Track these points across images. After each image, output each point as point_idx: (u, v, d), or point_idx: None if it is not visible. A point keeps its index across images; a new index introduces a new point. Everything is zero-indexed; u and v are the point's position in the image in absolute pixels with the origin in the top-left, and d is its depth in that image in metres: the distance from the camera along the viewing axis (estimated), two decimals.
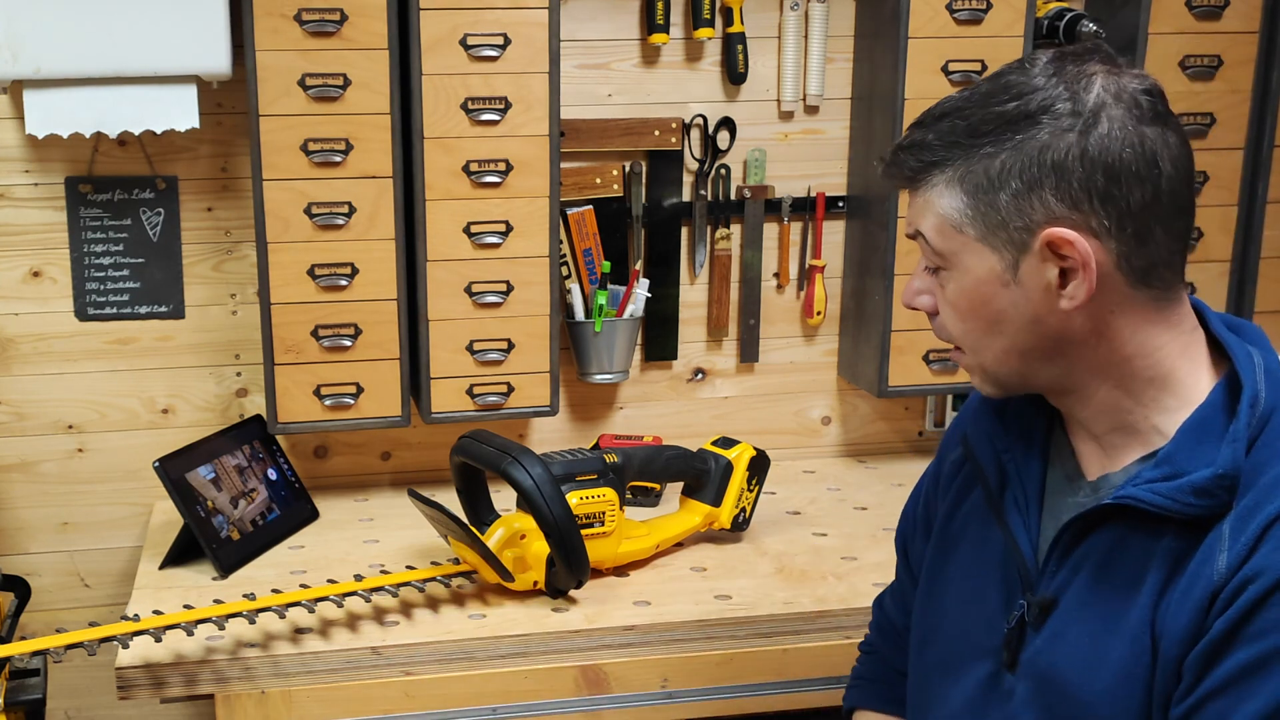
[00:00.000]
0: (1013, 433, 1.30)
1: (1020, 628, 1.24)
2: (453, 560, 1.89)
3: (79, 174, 2.14)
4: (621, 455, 1.93)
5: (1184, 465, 1.13)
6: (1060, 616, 1.20)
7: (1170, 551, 1.13)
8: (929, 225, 1.18)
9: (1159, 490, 1.13)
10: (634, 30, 2.26)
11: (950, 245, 1.16)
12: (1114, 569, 1.17)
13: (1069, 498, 1.24)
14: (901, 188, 1.21)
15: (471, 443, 1.86)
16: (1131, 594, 1.15)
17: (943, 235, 1.17)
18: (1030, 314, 1.16)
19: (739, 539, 2.08)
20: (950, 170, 1.15)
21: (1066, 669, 1.18)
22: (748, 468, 2.05)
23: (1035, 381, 1.21)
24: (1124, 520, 1.16)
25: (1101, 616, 1.17)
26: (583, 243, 2.26)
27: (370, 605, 1.82)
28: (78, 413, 2.21)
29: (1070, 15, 2.18)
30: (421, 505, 1.84)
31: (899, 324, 2.23)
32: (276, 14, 1.93)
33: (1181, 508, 1.11)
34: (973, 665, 1.29)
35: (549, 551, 1.80)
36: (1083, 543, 1.19)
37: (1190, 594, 1.10)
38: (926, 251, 1.19)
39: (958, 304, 1.19)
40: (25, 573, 2.07)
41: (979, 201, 1.14)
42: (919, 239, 1.19)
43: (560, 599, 1.85)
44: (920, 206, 1.18)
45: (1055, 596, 1.21)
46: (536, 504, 1.76)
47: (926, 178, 1.17)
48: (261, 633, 1.74)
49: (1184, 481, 1.12)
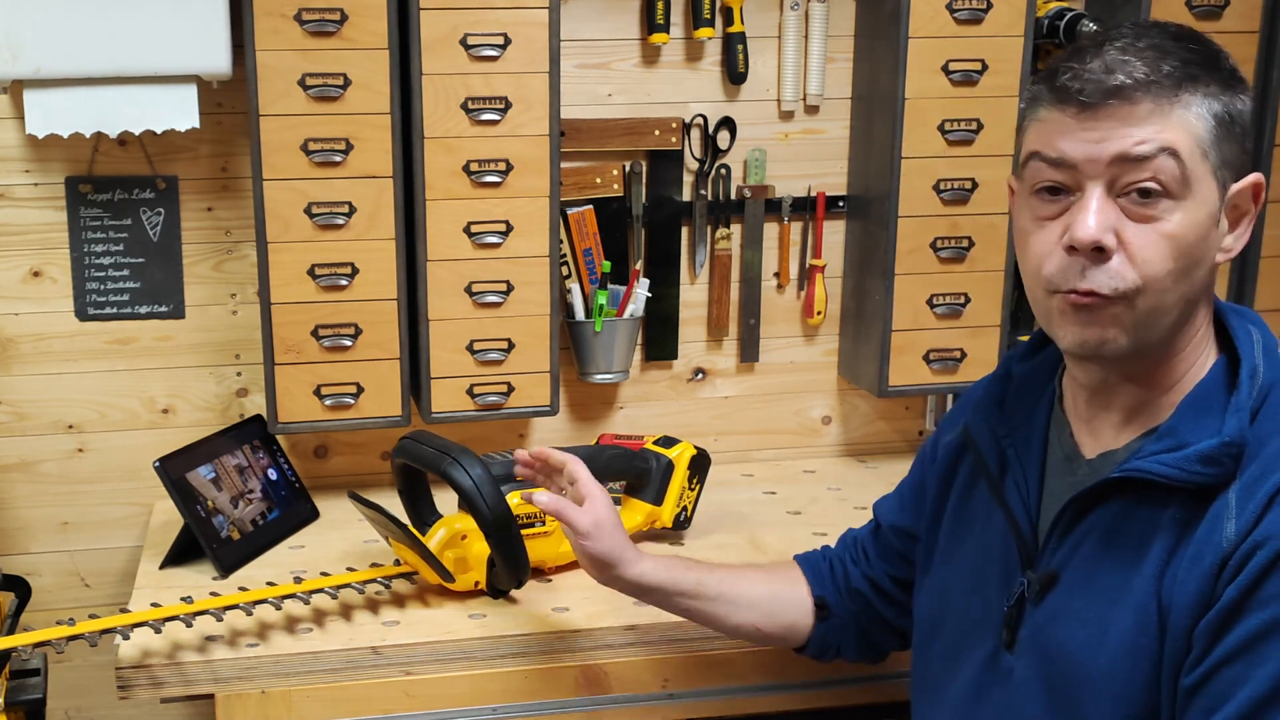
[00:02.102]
0: (1014, 420, 1.32)
1: (1019, 605, 1.25)
2: (396, 562, 1.89)
3: (79, 174, 2.14)
4: None
5: (1187, 437, 1.14)
6: (1061, 592, 1.21)
7: (1175, 521, 1.14)
8: (1184, 142, 1.10)
9: (1165, 461, 1.14)
10: (634, 30, 2.26)
11: (1197, 170, 1.11)
12: (1117, 542, 1.18)
13: (1067, 477, 1.25)
14: (1126, 97, 1.10)
15: (412, 444, 1.86)
16: (1135, 565, 1.15)
17: (1193, 157, 1.10)
18: (1210, 260, 1.15)
19: (739, 539, 2.08)
20: (1206, 89, 1.11)
21: (1070, 643, 1.19)
22: (689, 466, 2.05)
23: (1167, 336, 1.17)
24: (1127, 494, 1.17)
25: (1105, 589, 1.17)
26: (583, 242, 2.27)
27: (309, 607, 1.81)
28: (78, 413, 2.21)
29: (1070, 15, 2.18)
30: (361, 507, 1.84)
31: (899, 324, 2.23)
32: (276, 14, 1.93)
33: (1189, 476, 1.12)
34: (973, 648, 1.30)
35: (490, 552, 1.80)
36: (1085, 519, 1.20)
37: (1199, 562, 1.11)
38: (1166, 173, 1.10)
39: (1182, 237, 1.11)
40: (25, 573, 2.07)
41: (1222, 130, 1.12)
42: (1156, 158, 1.09)
43: (502, 599, 1.85)
44: (1173, 122, 1.10)
45: (1056, 572, 1.22)
46: (476, 504, 1.76)
47: (1185, 91, 1.10)
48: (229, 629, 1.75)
49: (1190, 451, 1.13)
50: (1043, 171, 1.16)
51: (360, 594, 1.86)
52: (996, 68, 2.16)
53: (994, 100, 2.17)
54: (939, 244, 2.21)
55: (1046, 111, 1.16)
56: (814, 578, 1.60)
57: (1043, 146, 1.16)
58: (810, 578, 1.60)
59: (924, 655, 1.42)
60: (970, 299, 2.24)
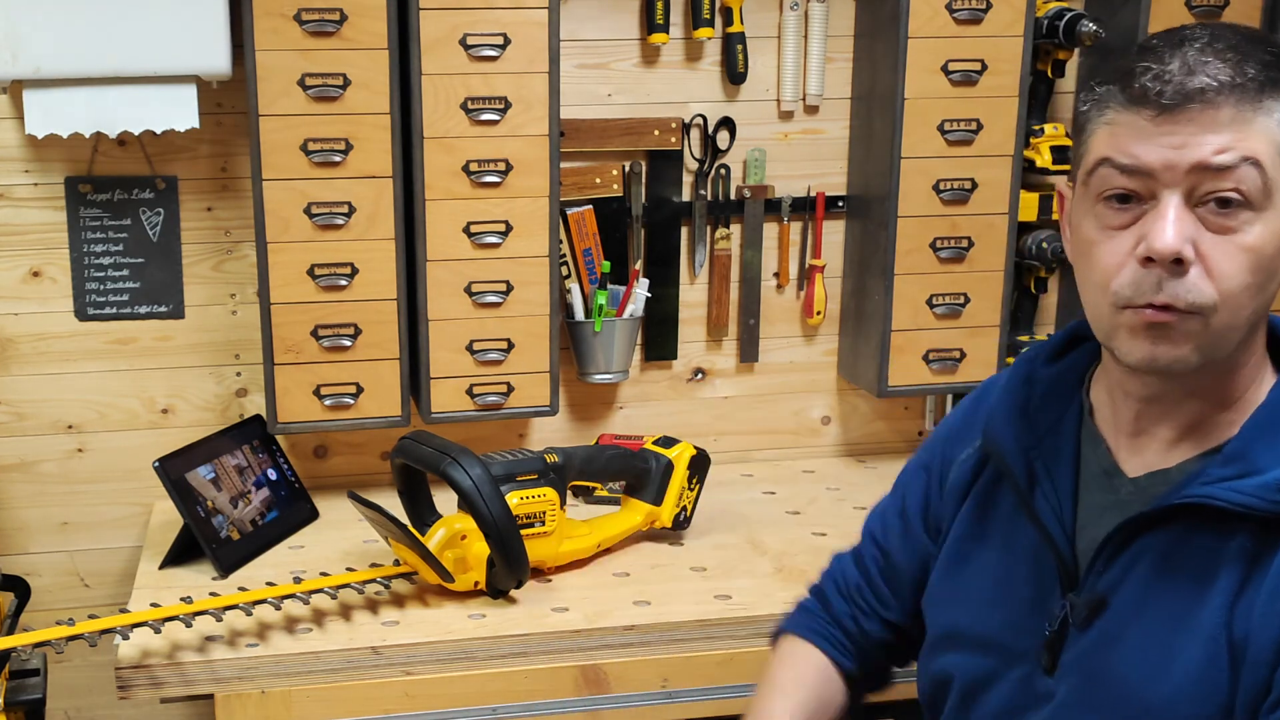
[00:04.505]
0: (1039, 431, 1.24)
1: (1063, 629, 1.18)
2: (396, 562, 1.89)
3: (79, 174, 2.14)
4: (562, 455, 1.93)
5: (1259, 462, 1.08)
6: (1113, 617, 1.15)
7: (1245, 551, 1.08)
8: (1268, 151, 1.04)
9: (1238, 488, 1.07)
10: (634, 30, 2.25)
11: (1278, 180, 1.04)
12: (1176, 569, 1.11)
13: (1109, 495, 1.19)
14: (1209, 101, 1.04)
15: (411, 444, 1.86)
16: (1201, 594, 1.09)
17: (1275, 166, 1.04)
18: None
19: (739, 539, 2.08)
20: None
21: (1126, 670, 1.13)
22: (688, 466, 2.05)
23: (1234, 354, 1.11)
24: (1187, 519, 1.11)
25: (1165, 618, 1.11)
26: (583, 242, 2.26)
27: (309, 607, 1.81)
28: (78, 413, 2.21)
29: (1070, 15, 2.18)
30: (361, 507, 1.84)
31: (899, 324, 2.23)
32: (276, 14, 1.93)
33: (1267, 505, 1.06)
34: (1004, 669, 1.24)
35: (489, 552, 1.81)
36: (1136, 541, 1.14)
37: (1279, 597, 1.05)
38: (1248, 183, 1.04)
39: (1262, 250, 1.05)
40: (25, 573, 2.07)
41: None
42: (1238, 168, 1.04)
43: (501, 599, 1.85)
44: (1257, 129, 1.03)
45: (1104, 596, 1.15)
46: (475, 504, 1.76)
47: (1269, 97, 1.04)
48: (228, 629, 1.75)
49: (1269, 478, 1.07)
50: (1114, 178, 1.08)
51: (360, 594, 1.86)
52: (996, 68, 2.16)
53: (994, 100, 2.17)
54: (939, 244, 2.21)
55: (1118, 114, 1.08)
56: (838, 653, 1.45)
57: (1114, 152, 1.08)
58: (833, 655, 1.45)
59: (937, 665, 1.34)
60: (970, 299, 2.24)
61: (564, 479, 1.93)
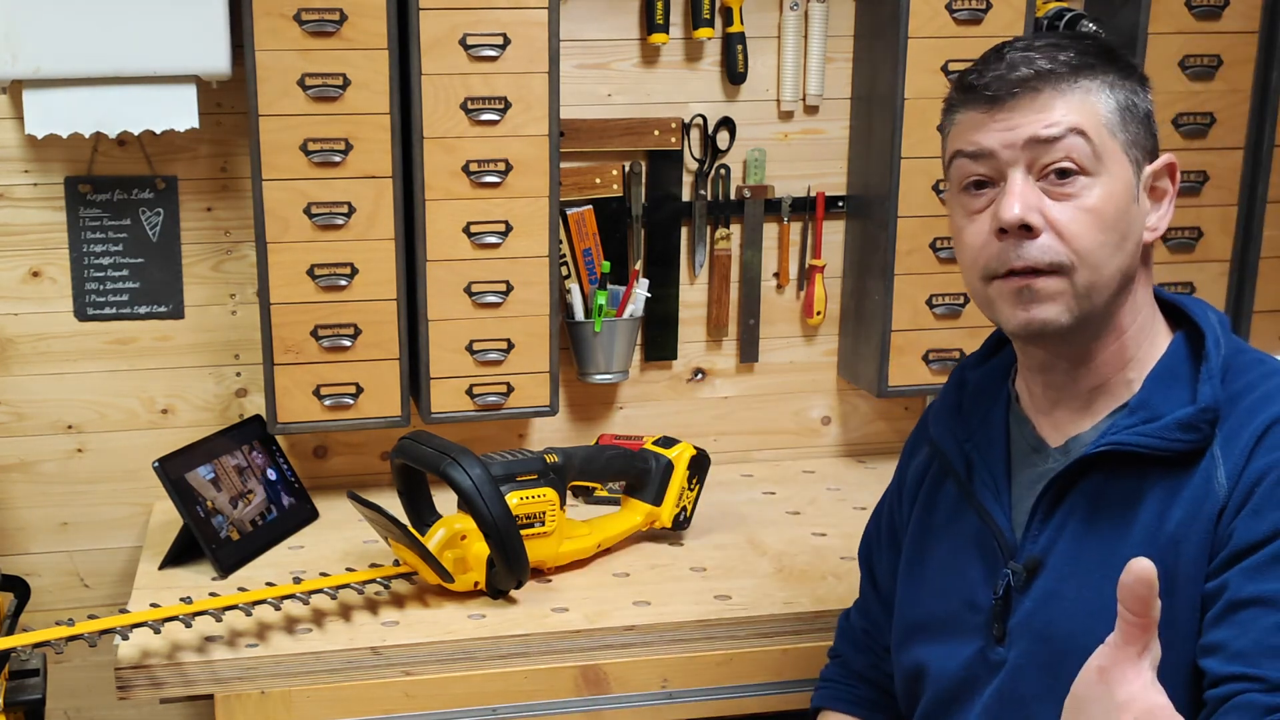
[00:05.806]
0: (971, 422, 1.35)
1: (1006, 597, 1.25)
2: (395, 562, 1.89)
3: (78, 174, 2.14)
4: (562, 455, 1.93)
5: (1160, 408, 1.19)
6: (1050, 574, 1.22)
7: (1158, 489, 1.17)
8: (1090, 122, 1.18)
9: (1144, 432, 1.18)
10: (634, 30, 2.26)
11: (1106, 146, 1.18)
12: (1101, 517, 1.20)
13: (1038, 467, 1.28)
14: (1031, 86, 1.18)
15: (411, 444, 1.86)
16: (1124, 536, 1.18)
17: (1100, 135, 1.18)
18: (1138, 236, 1.21)
19: (739, 539, 2.08)
20: (1104, 76, 1.19)
21: (1066, 624, 1.20)
22: (688, 466, 2.05)
23: (1108, 313, 1.22)
24: (1103, 470, 1.20)
25: (1098, 564, 1.19)
26: (582, 243, 2.27)
27: (309, 607, 1.81)
28: (77, 413, 2.21)
29: (1070, 15, 2.17)
30: (360, 507, 1.84)
31: (899, 324, 2.23)
32: (276, 14, 1.93)
33: (1169, 444, 1.16)
34: (958, 647, 1.31)
35: (489, 552, 1.81)
36: (1063, 502, 1.23)
37: (1197, 517, 1.14)
38: (1077, 152, 1.17)
39: (1103, 210, 1.18)
40: (25, 573, 2.07)
41: (1125, 112, 1.19)
42: (1066, 138, 1.17)
43: (501, 599, 1.85)
44: (1076, 104, 1.18)
45: (1041, 557, 1.23)
46: (475, 504, 1.76)
47: (1084, 77, 1.19)
48: (228, 630, 1.75)
49: (1168, 420, 1.17)
50: (966, 167, 1.23)
51: (360, 594, 1.86)
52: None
53: None
54: (938, 244, 2.21)
55: (961, 114, 1.24)
56: (869, 712, 1.53)
57: (962, 144, 1.23)
58: (866, 716, 1.53)
59: (908, 658, 1.40)
60: (969, 299, 2.24)
61: (564, 479, 1.93)
